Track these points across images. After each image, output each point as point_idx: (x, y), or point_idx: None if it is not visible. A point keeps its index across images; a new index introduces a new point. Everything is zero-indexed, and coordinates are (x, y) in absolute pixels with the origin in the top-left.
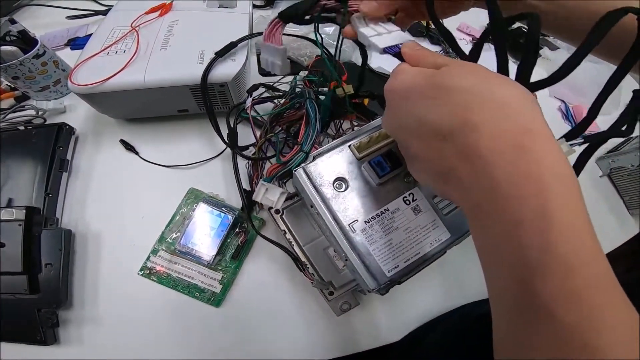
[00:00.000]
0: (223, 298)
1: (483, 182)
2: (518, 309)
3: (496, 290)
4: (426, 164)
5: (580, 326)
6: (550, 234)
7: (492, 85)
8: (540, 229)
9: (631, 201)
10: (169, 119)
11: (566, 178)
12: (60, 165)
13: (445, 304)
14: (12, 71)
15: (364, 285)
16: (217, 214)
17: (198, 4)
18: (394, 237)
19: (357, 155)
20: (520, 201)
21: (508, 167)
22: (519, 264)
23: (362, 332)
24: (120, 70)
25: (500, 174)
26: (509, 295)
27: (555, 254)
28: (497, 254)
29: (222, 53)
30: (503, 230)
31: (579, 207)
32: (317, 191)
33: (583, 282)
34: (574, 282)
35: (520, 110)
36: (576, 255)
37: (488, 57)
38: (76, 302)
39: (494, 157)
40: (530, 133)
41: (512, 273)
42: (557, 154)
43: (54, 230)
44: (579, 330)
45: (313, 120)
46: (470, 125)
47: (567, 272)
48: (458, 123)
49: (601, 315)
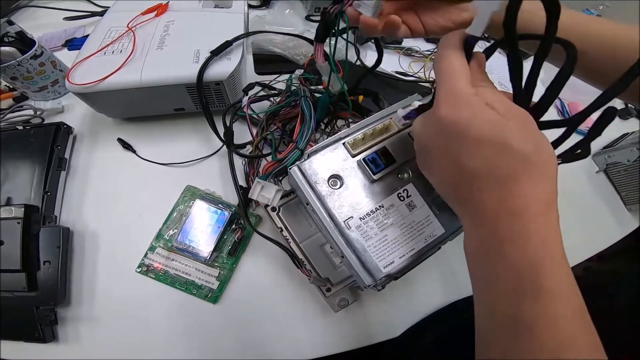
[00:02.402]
0: (220, 294)
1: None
2: (504, 323)
3: (484, 305)
4: (451, 186)
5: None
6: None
7: (542, 157)
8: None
9: (628, 196)
10: (166, 117)
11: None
12: (59, 164)
13: (443, 300)
14: (11, 72)
15: (360, 282)
16: (214, 210)
17: (194, 5)
18: (389, 233)
19: (351, 152)
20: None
21: (539, 226)
22: (512, 289)
23: (360, 328)
24: (117, 69)
25: (533, 230)
26: (498, 312)
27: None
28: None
29: (218, 52)
30: (503, 262)
31: (563, 254)
32: (312, 188)
33: (563, 310)
34: (556, 309)
35: (553, 184)
36: (559, 288)
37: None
38: (74, 300)
39: (531, 215)
40: (552, 205)
41: (505, 295)
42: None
43: (52, 228)
44: (551, 349)
45: (308, 118)
46: (517, 183)
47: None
48: (509, 178)
49: (573, 337)
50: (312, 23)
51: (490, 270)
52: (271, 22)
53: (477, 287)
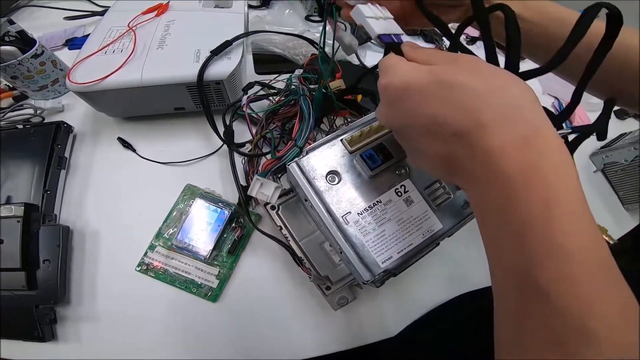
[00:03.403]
0: (220, 293)
1: (493, 175)
2: (517, 291)
3: (499, 271)
4: (432, 158)
5: (574, 309)
6: (553, 224)
7: (500, 84)
8: (544, 217)
9: (626, 196)
10: (166, 117)
11: (570, 171)
12: (59, 163)
13: (443, 297)
14: (11, 71)
15: (359, 277)
16: (214, 209)
17: (194, 4)
18: (387, 229)
19: (349, 148)
20: (529, 192)
21: (517, 163)
22: (521, 249)
23: (359, 326)
24: (117, 68)
25: (510, 167)
26: (509, 277)
27: (555, 243)
28: (499, 239)
29: (218, 51)
30: (508, 218)
31: (579, 196)
32: (310, 184)
33: (580, 268)
34: (571, 268)
35: (528, 110)
36: (575, 242)
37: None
38: (74, 299)
39: (505, 154)
40: (539, 131)
41: (514, 258)
42: (563, 149)
43: (52, 227)
44: (573, 313)
45: (306, 116)
46: (484, 126)
47: (566, 259)
48: (471, 124)
49: (597, 298)
50: (311, 23)
51: (495, 234)
52: (271, 22)
53: (489, 254)
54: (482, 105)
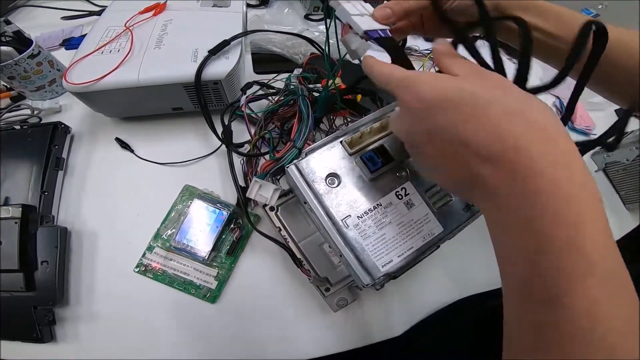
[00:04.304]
0: (219, 294)
1: (523, 197)
2: (529, 296)
3: (512, 278)
4: (453, 175)
5: (586, 313)
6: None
7: (529, 107)
8: (570, 240)
9: (627, 196)
10: (164, 117)
11: (593, 191)
12: (56, 164)
13: (443, 299)
14: (8, 71)
15: (359, 281)
16: (212, 210)
17: (192, 4)
18: (387, 232)
19: (348, 150)
20: (556, 213)
21: (550, 186)
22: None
23: (359, 328)
24: (114, 68)
25: (543, 190)
26: (522, 284)
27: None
28: (517, 257)
29: (216, 51)
30: (537, 238)
31: (601, 214)
32: (309, 187)
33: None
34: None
35: (557, 132)
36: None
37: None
38: (72, 300)
39: (538, 177)
40: (571, 154)
41: (528, 265)
42: (588, 173)
43: (50, 228)
44: (585, 317)
45: (305, 117)
46: (516, 148)
47: (587, 269)
48: (504, 146)
49: (608, 304)
50: (311, 22)
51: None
52: (270, 21)
53: (505, 270)
54: (516, 128)
